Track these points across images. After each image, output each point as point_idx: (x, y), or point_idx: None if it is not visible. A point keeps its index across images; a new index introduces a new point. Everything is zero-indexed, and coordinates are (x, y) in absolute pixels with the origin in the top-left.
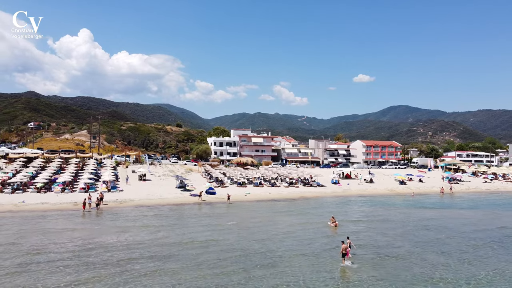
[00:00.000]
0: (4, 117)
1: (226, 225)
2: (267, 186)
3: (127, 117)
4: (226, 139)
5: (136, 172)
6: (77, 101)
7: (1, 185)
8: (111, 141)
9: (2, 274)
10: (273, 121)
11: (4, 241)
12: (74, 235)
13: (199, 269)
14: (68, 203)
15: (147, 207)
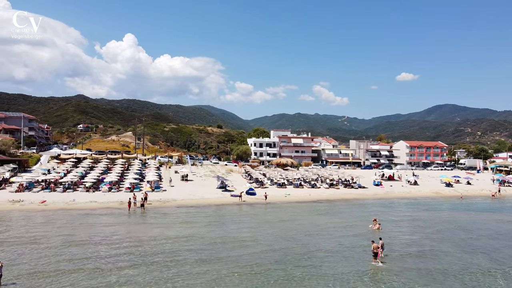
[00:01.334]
0: (56, 119)
1: (266, 225)
2: (307, 187)
3: (169, 119)
4: (266, 140)
5: (178, 173)
6: (122, 104)
7: (53, 184)
8: (154, 142)
9: (58, 265)
10: (313, 121)
11: (58, 234)
12: (119, 232)
13: (238, 266)
14: (114, 202)
15: (189, 207)
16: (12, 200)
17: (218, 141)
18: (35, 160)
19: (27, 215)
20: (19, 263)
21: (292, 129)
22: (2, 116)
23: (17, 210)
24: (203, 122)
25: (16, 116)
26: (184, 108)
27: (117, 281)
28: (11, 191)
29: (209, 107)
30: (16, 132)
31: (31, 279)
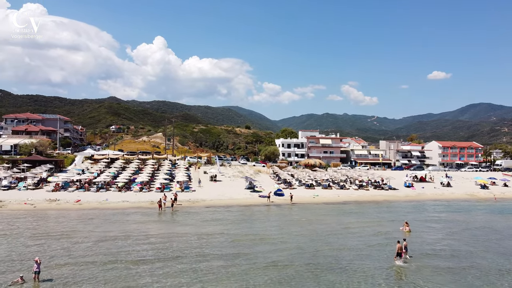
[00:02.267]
0: (90, 121)
1: (294, 226)
2: (336, 188)
3: (198, 120)
4: (294, 140)
5: (207, 173)
6: (153, 105)
7: (87, 184)
8: (184, 143)
9: (96, 259)
10: (341, 121)
11: (92, 230)
12: (150, 229)
13: (266, 268)
14: (145, 201)
15: (217, 207)
16: (49, 199)
17: (246, 142)
18: (70, 160)
19: (63, 214)
20: (55, 255)
21: (320, 129)
22: (39, 118)
23: (53, 209)
24: (231, 122)
25: (52, 118)
26: (213, 109)
27: (147, 273)
28: (48, 190)
29: (237, 108)
30: (53, 133)
31: (65, 269)
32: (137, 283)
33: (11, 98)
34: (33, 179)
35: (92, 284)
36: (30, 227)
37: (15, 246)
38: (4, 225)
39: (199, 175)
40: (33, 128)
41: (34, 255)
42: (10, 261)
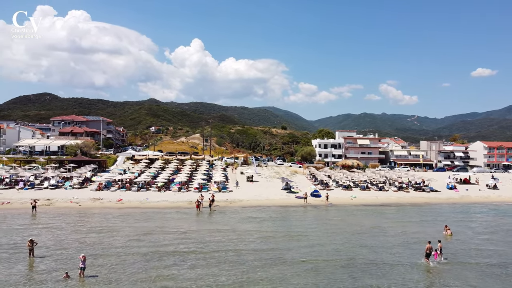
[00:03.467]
0: (131, 122)
1: (331, 228)
2: (374, 190)
3: (235, 121)
4: (331, 141)
5: (244, 174)
6: (190, 107)
7: (129, 184)
8: (221, 144)
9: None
10: (380, 121)
11: (132, 226)
12: (188, 226)
13: (305, 270)
14: (184, 201)
15: (254, 208)
16: (93, 198)
17: (283, 142)
18: (113, 161)
19: (105, 212)
20: (98, 252)
21: (358, 129)
22: (84, 120)
23: (97, 207)
24: (267, 123)
25: (96, 120)
26: (249, 109)
27: (185, 266)
28: (92, 189)
29: (273, 109)
30: (96, 134)
31: (108, 265)
32: (175, 278)
33: (58, 101)
34: (78, 178)
35: (134, 281)
36: (75, 225)
37: (61, 243)
38: (52, 222)
39: (236, 176)
40: (78, 129)
41: (79, 251)
42: (56, 260)
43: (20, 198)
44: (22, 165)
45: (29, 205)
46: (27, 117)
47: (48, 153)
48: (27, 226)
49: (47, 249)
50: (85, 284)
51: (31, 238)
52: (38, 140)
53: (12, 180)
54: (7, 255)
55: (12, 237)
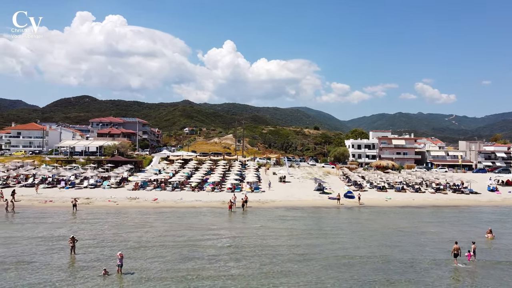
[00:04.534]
0: (165, 123)
1: (365, 229)
2: (410, 191)
3: (267, 121)
4: (365, 141)
5: (276, 174)
6: (223, 107)
7: (164, 184)
8: (253, 144)
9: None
10: (415, 121)
11: (165, 224)
12: (220, 225)
13: (340, 272)
14: (217, 201)
15: (287, 208)
16: (130, 197)
17: (315, 143)
18: (148, 161)
19: (141, 211)
20: (136, 245)
21: (392, 129)
22: (121, 122)
23: (133, 206)
24: (299, 123)
25: (132, 121)
26: (281, 110)
27: (221, 261)
28: (129, 189)
29: (305, 109)
30: (132, 135)
31: (145, 262)
32: (211, 277)
33: (97, 104)
34: (116, 178)
35: (170, 278)
36: (113, 223)
37: (100, 240)
38: (91, 220)
39: (268, 177)
40: (115, 131)
41: (117, 249)
42: (95, 256)
43: (61, 197)
44: (63, 165)
45: (70, 203)
46: (67, 119)
47: (87, 153)
48: (68, 223)
49: (87, 246)
50: (123, 281)
51: (72, 235)
52: (78, 141)
53: (54, 179)
54: (50, 252)
55: (55, 234)
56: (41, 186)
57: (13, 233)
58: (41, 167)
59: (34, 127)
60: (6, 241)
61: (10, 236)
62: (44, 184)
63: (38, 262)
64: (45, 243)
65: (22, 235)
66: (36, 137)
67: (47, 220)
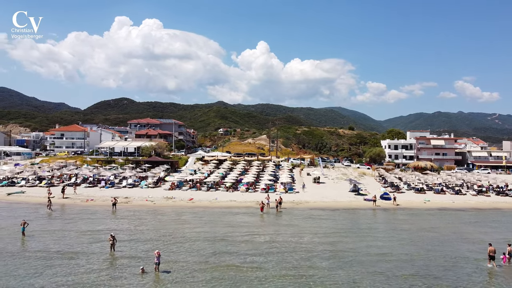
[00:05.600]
0: (200, 124)
1: (402, 232)
2: (450, 193)
3: (301, 121)
4: (402, 141)
5: (310, 175)
6: (257, 108)
7: (199, 184)
8: (287, 145)
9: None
10: (455, 120)
11: (202, 222)
12: (254, 226)
13: (374, 274)
14: (251, 201)
15: (321, 209)
16: (166, 197)
17: (350, 143)
18: (184, 161)
19: (178, 211)
20: (173, 244)
21: (431, 129)
22: (157, 123)
23: (170, 206)
24: (334, 124)
25: (168, 122)
26: (315, 110)
27: (258, 259)
28: (165, 189)
29: (340, 109)
30: (169, 136)
31: (181, 262)
32: (246, 274)
33: (134, 105)
34: (153, 178)
35: (206, 279)
36: (151, 222)
37: (138, 238)
38: (130, 219)
39: (303, 178)
40: (152, 132)
41: (154, 247)
42: (133, 254)
43: (102, 196)
44: (103, 165)
45: (110, 202)
46: (107, 120)
47: (126, 154)
48: (108, 222)
49: (125, 244)
50: (160, 279)
51: (112, 233)
52: (117, 142)
53: (95, 179)
54: (91, 248)
55: (96, 231)
56: (83, 185)
57: (61, 226)
58: (82, 167)
59: (76, 128)
60: (54, 235)
61: (60, 229)
62: (85, 184)
63: (80, 258)
64: (86, 239)
65: (63, 229)
66: (78, 138)
67: (89, 217)
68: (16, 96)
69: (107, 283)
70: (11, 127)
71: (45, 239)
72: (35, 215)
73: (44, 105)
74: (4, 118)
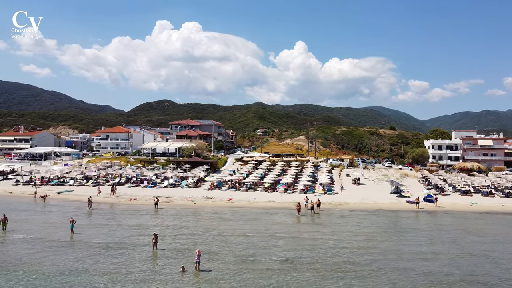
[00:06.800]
0: (239, 125)
1: (448, 236)
2: (500, 196)
3: (340, 122)
4: (446, 141)
5: (350, 176)
6: (295, 109)
7: (238, 184)
8: (326, 145)
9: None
10: (505, 119)
11: (247, 224)
12: (295, 228)
13: (416, 282)
14: (289, 202)
15: (361, 211)
16: (206, 197)
17: (391, 144)
18: (223, 162)
19: (217, 210)
20: (214, 244)
21: (478, 129)
22: (197, 124)
23: (209, 205)
24: (374, 124)
25: (208, 123)
26: (354, 110)
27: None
28: (205, 189)
29: (380, 108)
30: (208, 137)
31: (221, 261)
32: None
33: (175, 107)
34: (193, 178)
35: (244, 280)
36: (192, 221)
37: (179, 237)
38: (171, 218)
39: (342, 180)
40: (192, 133)
41: (195, 246)
42: (175, 253)
43: (144, 195)
44: (146, 165)
45: (152, 201)
46: (149, 122)
47: (167, 154)
48: (151, 221)
49: (168, 243)
50: (200, 278)
51: (155, 232)
52: (159, 143)
53: (138, 179)
54: (136, 247)
55: (141, 230)
56: (126, 185)
57: (107, 222)
58: (126, 167)
59: (120, 130)
60: (101, 230)
61: (106, 224)
62: (129, 183)
63: (124, 255)
64: (132, 235)
65: (109, 224)
66: (122, 139)
67: (133, 215)
68: (65, 99)
69: (149, 280)
70: (61, 129)
71: (92, 233)
72: (81, 211)
73: (90, 107)
74: (55, 120)
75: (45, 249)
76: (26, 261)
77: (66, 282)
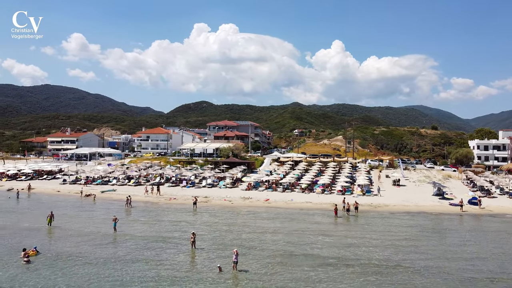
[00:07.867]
0: (275, 125)
1: (495, 241)
2: None
3: (379, 121)
4: (493, 141)
5: (389, 177)
6: (332, 109)
7: (275, 185)
8: (364, 146)
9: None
10: None
11: (284, 225)
12: (332, 229)
13: (462, 281)
14: (327, 203)
15: (401, 213)
16: (243, 197)
17: (433, 144)
18: (260, 162)
19: (255, 210)
20: (252, 243)
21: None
22: (235, 125)
23: (247, 206)
24: (415, 123)
25: (245, 124)
26: (394, 109)
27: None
28: (242, 189)
29: (421, 107)
30: (245, 138)
31: (259, 260)
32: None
33: (213, 108)
34: (231, 178)
35: (281, 280)
36: (229, 221)
37: (217, 237)
38: (209, 217)
39: (381, 181)
40: (229, 133)
41: (232, 246)
42: (212, 252)
43: (183, 195)
44: (185, 165)
45: (190, 201)
46: (188, 123)
47: (205, 155)
48: (189, 220)
49: (206, 242)
50: (237, 278)
51: (193, 231)
52: (197, 144)
53: (177, 179)
54: (176, 245)
55: (181, 228)
56: (166, 184)
57: (147, 219)
58: (166, 168)
59: (160, 131)
60: (142, 227)
61: (147, 222)
62: (169, 183)
63: (164, 252)
64: (171, 237)
65: (150, 221)
66: (162, 140)
67: (173, 214)
68: (108, 102)
69: (186, 278)
70: (104, 130)
71: (135, 228)
72: (123, 208)
73: (131, 109)
74: (99, 122)
75: (89, 242)
76: (76, 253)
77: (118, 270)
